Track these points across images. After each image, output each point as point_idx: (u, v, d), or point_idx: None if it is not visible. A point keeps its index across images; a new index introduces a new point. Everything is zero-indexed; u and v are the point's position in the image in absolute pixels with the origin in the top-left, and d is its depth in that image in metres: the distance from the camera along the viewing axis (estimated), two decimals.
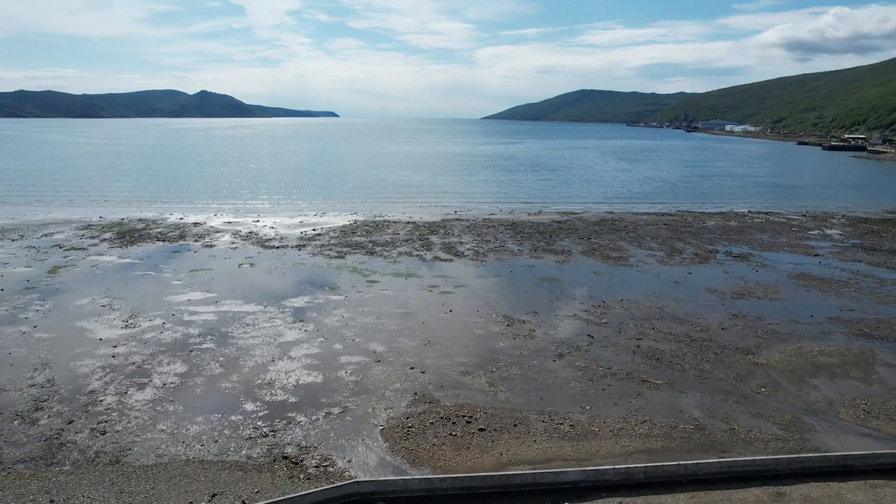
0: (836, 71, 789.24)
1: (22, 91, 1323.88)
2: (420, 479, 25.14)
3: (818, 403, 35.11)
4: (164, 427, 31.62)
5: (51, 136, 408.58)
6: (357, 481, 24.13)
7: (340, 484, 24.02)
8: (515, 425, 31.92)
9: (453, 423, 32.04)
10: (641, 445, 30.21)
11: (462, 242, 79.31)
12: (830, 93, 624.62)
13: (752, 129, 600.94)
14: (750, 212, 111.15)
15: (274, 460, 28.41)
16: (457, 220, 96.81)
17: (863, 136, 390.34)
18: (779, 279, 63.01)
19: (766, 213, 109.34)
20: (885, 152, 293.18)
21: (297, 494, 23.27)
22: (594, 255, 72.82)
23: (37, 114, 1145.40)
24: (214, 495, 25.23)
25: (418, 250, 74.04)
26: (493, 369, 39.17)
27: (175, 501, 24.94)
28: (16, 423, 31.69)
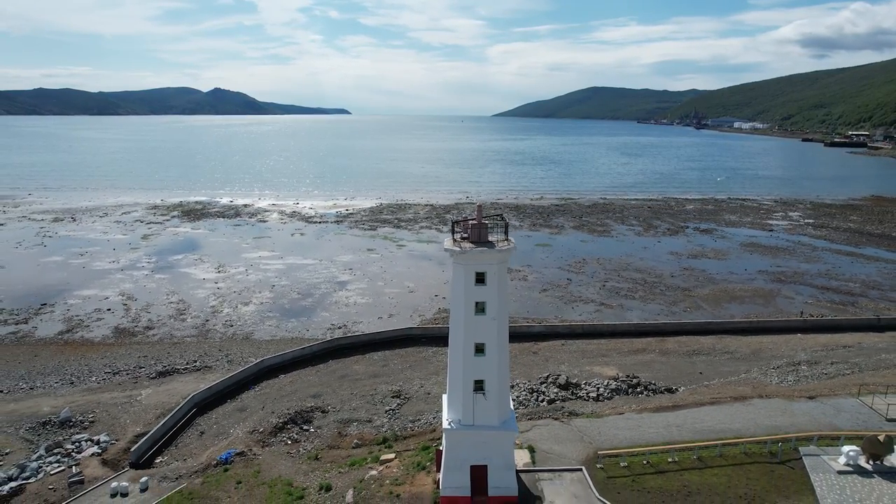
0: (848, 68, 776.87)
1: (41, 89, 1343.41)
2: (444, 326, 40.08)
3: (722, 315, 49.66)
4: (270, 324, 46.88)
5: (82, 133, 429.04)
6: (410, 327, 39.23)
7: (399, 328, 39.15)
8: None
9: None
10: None
11: None
12: (841, 90, 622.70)
13: (760, 125, 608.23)
14: (728, 198, 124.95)
15: None
16: (468, 203, 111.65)
17: (866, 133, 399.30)
18: (730, 246, 77.37)
19: (743, 200, 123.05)
20: (882, 148, 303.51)
21: (372, 332, 38.32)
22: (582, 229, 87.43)
23: (56, 111, 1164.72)
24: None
25: (436, 225, 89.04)
26: None
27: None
28: (171, 320, 47.14)
